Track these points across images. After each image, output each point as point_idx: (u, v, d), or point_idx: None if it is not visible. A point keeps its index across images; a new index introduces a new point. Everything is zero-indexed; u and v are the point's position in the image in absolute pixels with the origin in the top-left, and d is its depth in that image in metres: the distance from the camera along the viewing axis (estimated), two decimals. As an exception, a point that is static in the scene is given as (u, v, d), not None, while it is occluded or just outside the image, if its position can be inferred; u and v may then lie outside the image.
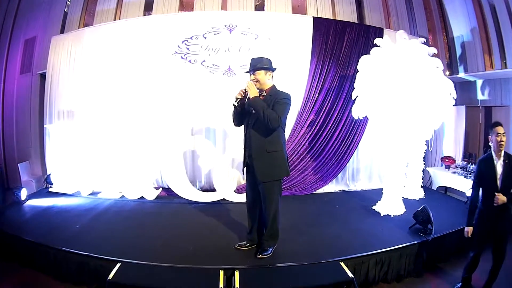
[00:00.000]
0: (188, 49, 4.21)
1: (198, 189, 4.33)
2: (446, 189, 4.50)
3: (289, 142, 4.28)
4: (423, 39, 3.47)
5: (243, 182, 4.35)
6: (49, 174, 4.44)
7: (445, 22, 4.95)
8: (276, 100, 2.33)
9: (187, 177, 4.19)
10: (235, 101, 2.33)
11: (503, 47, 3.94)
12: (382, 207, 3.64)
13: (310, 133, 4.28)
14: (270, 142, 2.38)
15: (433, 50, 3.41)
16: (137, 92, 4.32)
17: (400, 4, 4.77)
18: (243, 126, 2.56)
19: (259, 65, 2.39)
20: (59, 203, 3.87)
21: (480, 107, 4.69)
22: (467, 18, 4.37)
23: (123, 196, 4.14)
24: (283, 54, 4.22)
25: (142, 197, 4.12)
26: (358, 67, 3.66)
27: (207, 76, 4.25)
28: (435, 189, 4.50)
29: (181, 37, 4.22)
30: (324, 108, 4.28)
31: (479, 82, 4.63)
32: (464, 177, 4.07)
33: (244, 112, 2.44)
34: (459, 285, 2.55)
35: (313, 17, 4.29)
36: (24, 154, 5.12)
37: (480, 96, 4.63)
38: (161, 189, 4.26)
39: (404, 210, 3.59)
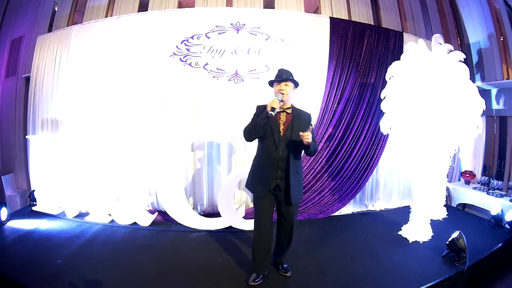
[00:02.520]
0: (188, 50, 3.75)
1: (200, 213, 3.92)
2: (464, 205, 4.36)
3: (304, 160, 4.03)
4: (450, 46, 3.20)
5: (251, 205, 3.92)
6: (33, 191, 4.16)
7: (458, 27, 4.79)
8: (309, 123, 2.40)
9: (187, 199, 3.65)
10: (272, 111, 2.11)
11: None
12: (410, 233, 3.49)
13: (328, 149, 4.04)
14: (299, 163, 2.46)
15: (463, 55, 3.16)
16: (128, 100, 3.95)
17: (416, 7, 4.61)
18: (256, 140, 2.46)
19: (289, 76, 2.38)
20: (41, 226, 3.61)
21: (495, 117, 4.60)
22: (484, 24, 4.30)
23: (113, 221, 3.74)
24: (298, 58, 3.94)
25: (134, 223, 3.69)
26: (388, 76, 3.34)
27: (211, 81, 3.84)
28: (455, 206, 4.34)
29: (180, 36, 3.84)
30: (344, 120, 4.06)
31: (494, 91, 4.54)
32: (487, 193, 3.92)
33: (269, 128, 2.33)
34: None
35: (330, 17, 3.96)
36: (9, 165, 4.87)
37: (495, 106, 4.60)
38: (157, 213, 3.77)
39: (432, 234, 3.46)
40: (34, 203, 4.10)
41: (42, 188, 3.99)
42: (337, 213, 4.11)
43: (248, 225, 3.56)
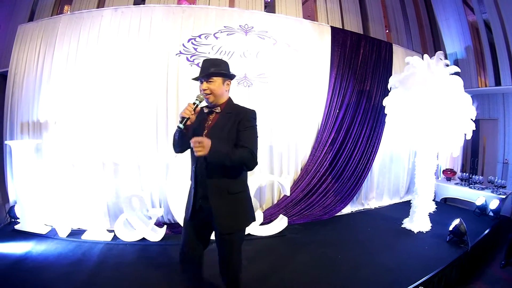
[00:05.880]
0: (196, 49, 3.93)
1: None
2: (445, 199, 5.09)
3: (310, 164, 4.50)
4: (447, 61, 3.96)
5: (265, 208, 4.26)
6: (13, 206, 3.88)
7: (433, 38, 5.63)
8: (242, 124, 1.89)
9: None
10: (181, 122, 1.80)
11: (496, 63, 4.65)
12: (414, 225, 4.11)
13: (331, 152, 4.57)
14: (233, 180, 1.94)
15: (457, 69, 3.80)
16: (127, 101, 3.90)
17: (399, 19, 5.36)
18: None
19: (215, 69, 1.91)
20: (33, 250, 3.26)
21: (469, 120, 5.49)
22: (461, 37, 5.13)
23: (116, 237, 3.59)
24: (304, 64, 4.33)
25: (142, 239, 3.59)
26: (390, 85, 4.06)
27: None
28: (439, 200, 5.08)
29: (187, 34, 4.00)
30: (344, 125, 4.63)
31: (468, 97, 5.44)
32: (469, 187, 4.78)
33: (190, 135, 1.90)
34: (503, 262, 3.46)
35: (331, 26, 4.40)
36: None
37: (469, 110, 5.43)
38: (165, 226, 3.71)
39: (431, 224, 4.11)
40: (16, 220, 3.81)
41: (25, 203, 3.66)
42: (338, 214, 4.59)
43: (263, 231, 3.78)
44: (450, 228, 3.63)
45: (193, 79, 2.04)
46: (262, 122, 4.00)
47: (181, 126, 1.78)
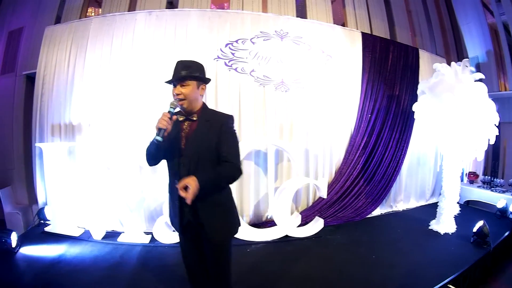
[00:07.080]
0: (233, 54, 4.18)
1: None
2: (468, 202, 5.42)
3: (344, 167, 4.83)
4: (472, 68, 4.17)
5: (301, 210, 4.48)
6: (43, 208, 3.99)
7: (456, 42, 5.95)
8: (223, 132, 1.85)
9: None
10: (159, 135, 1.72)
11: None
12: (441, 226, 4.44)
13: (364, 156, 4.90)
14: (219, 193, 1.94)
15: (482, 76, 4.09)
16: (166, 104, 3.89)
17: (423, 24, 5.70)
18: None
19: (187, 71, 1.87)
20: (67, 253, 3.32)
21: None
22: (482, 41, 5.42)
23: (154, 240, 3.76)
24: (337, 70, 4.71)
25: None
26: (419, 91, 4.35)
27: (258, 89, 4.32)
28: (462, 203, 5.39)
29: (224, 39, 4.24)
30: (376, 129, 4.97)
31: (488, 101, 5.78)
32: (491, 190, 5.14)
33: (169, 145, 1.87)
34: None
35: (361, 32, 4.66)
36: (5, 177, 4.63)
37: (489, 113, 5.76)
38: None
39: (456, 226, 4.45)
40: (46, 222, 3.91)
41: (57, 205, 3.76)
42: (369, 215, 4.91)
43: (301, 232, 4.07)
44: (474, 230, 3.96)
45: (165, 82, 1.99)
46: (298, 126, 4.36)
47: (160, 139, 1.71)
